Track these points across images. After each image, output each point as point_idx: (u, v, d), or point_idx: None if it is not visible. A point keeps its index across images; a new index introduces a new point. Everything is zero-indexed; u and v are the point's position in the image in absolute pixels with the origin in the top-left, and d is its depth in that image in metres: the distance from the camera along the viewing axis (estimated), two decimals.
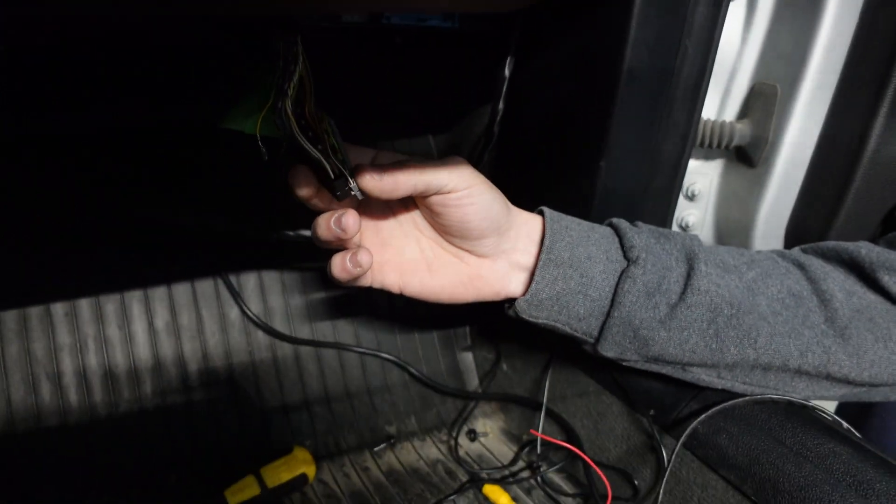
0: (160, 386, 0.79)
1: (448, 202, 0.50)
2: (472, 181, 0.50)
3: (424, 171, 0.48)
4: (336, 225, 0.49)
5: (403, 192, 0.48)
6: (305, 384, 0.84)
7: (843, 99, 0.65)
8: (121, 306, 0.79)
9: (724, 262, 0.57)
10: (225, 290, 0.83)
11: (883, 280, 0.56)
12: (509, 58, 0.65)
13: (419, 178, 0.48)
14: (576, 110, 0.64)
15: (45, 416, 0.74)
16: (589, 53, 0.60)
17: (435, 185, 0.48)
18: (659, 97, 0.60)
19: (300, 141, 0.43)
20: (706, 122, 0.71)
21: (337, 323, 0.88)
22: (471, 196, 0.50)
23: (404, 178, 0.47)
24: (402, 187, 0.47)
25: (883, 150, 0.63)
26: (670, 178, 0.65)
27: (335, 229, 0.49)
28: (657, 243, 0.56)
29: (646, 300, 0.53)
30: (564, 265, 0.54)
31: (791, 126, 0.68)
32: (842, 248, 0.60)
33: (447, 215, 0.51)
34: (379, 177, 0.47)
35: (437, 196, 0.50)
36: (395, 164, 0.48)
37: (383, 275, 0.55)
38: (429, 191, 0.49)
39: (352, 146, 0.50)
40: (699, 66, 0.60)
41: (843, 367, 0.55)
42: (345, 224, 0.49)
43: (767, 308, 0.55)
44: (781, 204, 0.72)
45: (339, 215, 0.49)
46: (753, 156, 0.71)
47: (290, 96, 0.42)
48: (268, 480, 0.70)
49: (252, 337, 0.84)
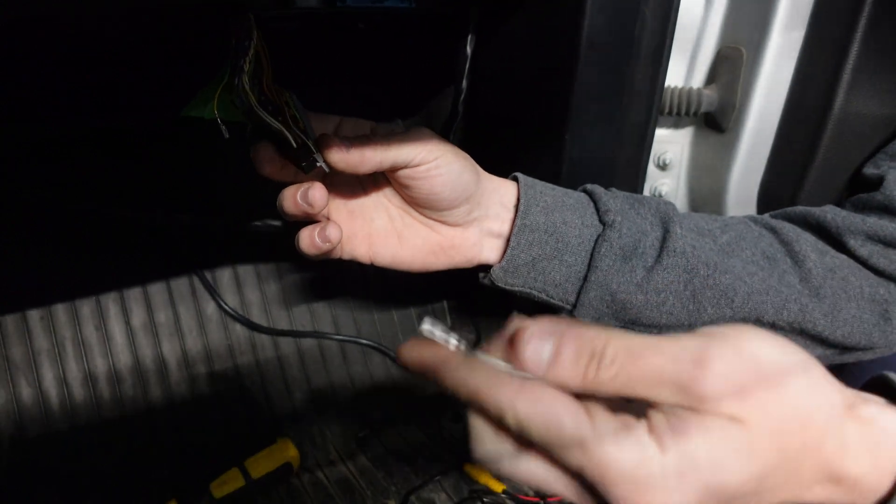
0: (141, 384, 0.78)
1: (416, 174, 0.49)
2: (439, 152, 0.49)
3: (390, 146, 0.47)
4: (302, 199, 0.48)
5: (370, 167, 0.47)
6: (286, 375, 0.84)
7: (808, 60, 0.65)
8: (97, 307, 0.79)
9: (698, 227, 0.57)
10: (200, 286, 0.83)
11: (849, 244, 0.56)
12: (470, 35, 0.65)
13: (385, 153, 0.47)
14: (538, 84, 0.63)
15: (27, 422, 0.74)
16: (548, 26, 0.60)
17: (402, 160, 0.48)
18: (620, 66, 0.59)
19: (259, 114, 0.42)
20: (672, 89, 0.70)
21: (315, 310, 0.87)
22: (438, 167, 0.49)
23: (371, 154, 0.46)
24: (368, 162, 0.46)
25: (848, 109, 0.63)
26: (638, 147, 0.65)
27: (302, 203, 0.48)
28: (632, 208, 0.56)
29: (622, 264, 0.53)
30: (540, 230, 0.54)
31: (758, 90, 0.67)
32: (808, 213, 0.60)
33: (416, 188, 0.50)
34: (345, 150, 0.45)
35: (405, 170, 0.49)
36: (362, 138, 0.47)
37: (353, 246, 0.54)
38: (396, 165, 0.48)
39: (315, 115, 0.49)
40: (659, 32, 0.59)
41: (818, 324, 0.55)
42: (311, 198, 0.48)
43: (743, 269, 0.55)
44: (752, 169, 0.71)
45: (306, 189, 0.48)
46: (722, 122, 0.71)
47: (247, 72, 0.41)
48: (252, 472, 0.70)
49: (230, 330, 0.83)
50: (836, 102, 0.63)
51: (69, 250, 0.77)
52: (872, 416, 0.32)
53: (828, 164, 0.66)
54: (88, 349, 0.78)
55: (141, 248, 0.80)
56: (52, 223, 0.75)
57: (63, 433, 0.75)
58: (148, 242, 0.80)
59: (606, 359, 0.30)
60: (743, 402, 0.29)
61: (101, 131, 0.75)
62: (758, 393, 0.29)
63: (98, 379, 0.77)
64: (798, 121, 0.67)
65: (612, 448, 0.29)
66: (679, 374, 0.29)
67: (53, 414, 0.75)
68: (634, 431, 0.29)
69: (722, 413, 0.29)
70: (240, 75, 0.41)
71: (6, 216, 0.73)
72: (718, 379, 0.29)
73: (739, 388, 0.29)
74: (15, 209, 0.73)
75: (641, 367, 0.29)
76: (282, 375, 0.84)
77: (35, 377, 0.75)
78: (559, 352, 0.30)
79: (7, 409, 0.74)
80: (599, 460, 0.29)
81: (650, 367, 0.29)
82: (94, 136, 0.75)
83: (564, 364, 0.30)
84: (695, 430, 0.29)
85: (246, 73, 0.41)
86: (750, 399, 0.29)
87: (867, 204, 0.59)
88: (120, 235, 0.78)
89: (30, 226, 0.75)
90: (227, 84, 0.42)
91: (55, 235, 0.76)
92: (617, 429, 0.29)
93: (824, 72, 0.63)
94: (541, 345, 0.30)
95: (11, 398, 0.74)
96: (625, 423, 0.30)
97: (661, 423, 0.29)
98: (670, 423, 0.29)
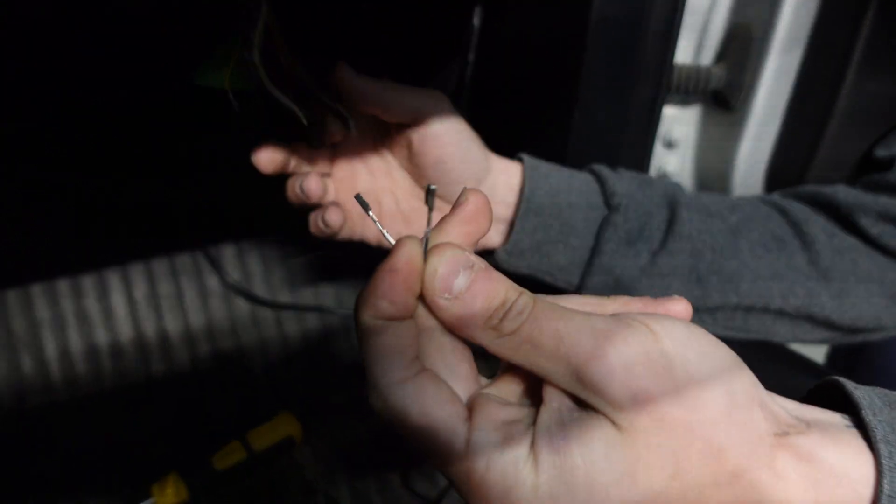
0: (142, 357, 0.78)
1: (426, 139, 0.50)
2: (452, 118, 0.50)
3: (406, 91, 0.49)
4: (300, 189, 0.51)
5: (383, 102, 0.48)
6: (289, 349, 0.84)
7: (819, 38, 0.64)
8: (98, 280, 0.79)
9: (706, 207, 0.56)
10: (203, 260, 0.82)
11: (861, 223, 0.56)
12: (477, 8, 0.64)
13: (402, 95, 0.49)
14: (546, 59, 0.62)
15: (28, 393, 0.74)
16: None
17: (410, 105, 0.49)
18: (630, 42, 0.58)
19: (271, 90, 0.42)
20: (681, 66, 0.69)
21: (319, 286, 0.87)
22: (449, 134, 0.50)
23: (384, 90, 0.48)
24: (383, 97, 0.48)
25: (859, 89, 0.62)
26: (646, 124, 0.64)
27: (299, 194, 0.51)
28: (639, 189, 0.55)
29: (627, 248, 0.53)
30: (545, 214, 0.53)
31: (767, 68, 0.66)
32: (819, 191, 0.59)
33: (425, 153, 0.50)
34: (359, 86, 0.47)
35: (417, 133, 0.50)
36: (376, 80, 0.49)
37: (361, 227, 0.55)
38: (405, 110, 0.49)
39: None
40: (670, 8, 0.58)
41: (826, 308, 0.55)
42: (307, 189, 0.50)
43: (750, 252, 0.55)
44: (760, 148, 0.71)
45: (301, 181, 0.50)
46: (730, 100, 0.70)
47: (257, 45, 0.41)
48: (254, 444, 0.71)
49: (233, 305, 0.83)
50: (847, 82, 0.62)
51: (70, 223, 0.77)
52: (810, 450, 0.26)
53: (837, 145, 0.65)
54: (90, 322, 0.78)
55: (143, 221, 0.79)
56: (53, 196, 0.75)
57: (64, 405, 0.75)
58: (150, 216, 0.79)
59: (514, 310, 0.27)
60: (638, 409, 0.25)
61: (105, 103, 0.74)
62: (660, 401, 0.25)
63: (99, 351, 0.77)
64: (807, 100, 0.66)
65: (482, 466, 0.26)
66: (576, 350, 0.26)
67: (54, 386, 0.75)
68: (513, 447, 0.26)
69: (609, 417, 0.25)
70: (249, 48, 0.41)
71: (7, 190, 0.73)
72: (616, 370, 0.25)
73: (637, 390, 0.25)
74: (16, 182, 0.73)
75: (543, 330, 0.26)
76: (284, 349, 0.84)
77: (36, 349, 0.75)
78: (473, 286, 0.27)
79: (8, 381, 0.74)
80: (469, 478, 0.26)
81: (550, 333, 0.26)
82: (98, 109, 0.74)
83: (475, 300, 0.27)
84: (575, 445, 0.25)
85: (256, 46, 0.41)
86: (648, 406, 0.25)
87: (879, 184, 0.58)
88: (122, 209, 0.77)
89: (31, 198, 0.74)
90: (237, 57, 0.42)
91: (56, 208, 0.75)
92: (495, 443, 0.26)
93: (835, 50, 0.63)
94: (457, 272, 0.28)
95: (13, 369, 0.74)
96: (507, 435, 0.26)
97: (542, 430, 0.26)
98: (551, 433, 0.26)
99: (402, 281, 0.27)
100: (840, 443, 0.27)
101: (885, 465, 0.25)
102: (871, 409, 0.27)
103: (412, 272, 0.27)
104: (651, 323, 0.26)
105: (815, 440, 0.27)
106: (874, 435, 0.26)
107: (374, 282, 0.27)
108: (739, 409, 0.26)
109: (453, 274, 0.27)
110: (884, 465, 0.25)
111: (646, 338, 0.26)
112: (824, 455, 0.26)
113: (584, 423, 0.25)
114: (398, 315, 0.28)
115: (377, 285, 0.27)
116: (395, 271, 0.27)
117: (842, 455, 0.26)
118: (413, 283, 0.28)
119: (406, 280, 0.27)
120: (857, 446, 0.27)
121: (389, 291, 0.27)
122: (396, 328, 0.28)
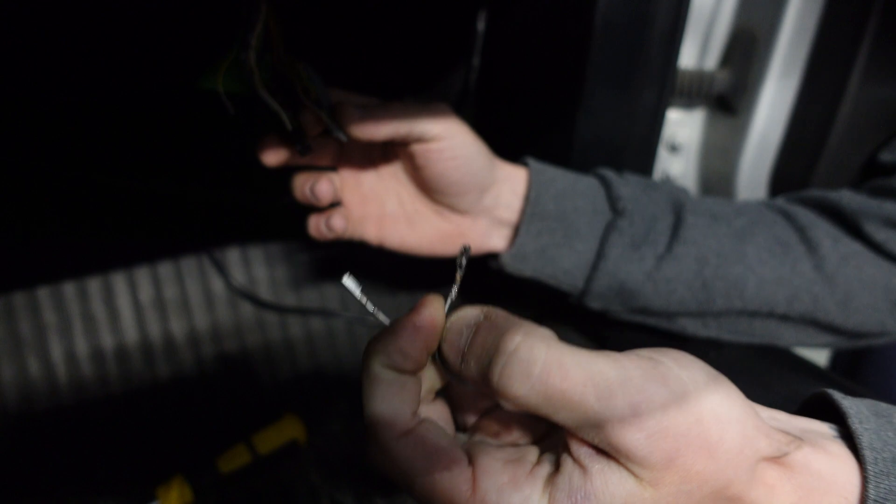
0: (148, 360, 0.78)
1: (430, 152, 0.49)
2: (456, 131, 0.49)
3: (407, 115, 0.47)
4: (310, 191, 0.50)
5: (385, 134, 0.46)
6: (294, 352, 0.84)
7: (823, 42, 0.64)
8: (104, 283, 0.79)
9: (711, 212, 0.56)
10: (208, 263, 0.83)
11: (866, 228, 0.56)
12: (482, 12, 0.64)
13: (401, 120, 0.47)
14: (550, 62, 0.62)
15: (35, 396, 0.74)
16: (562, 3, 0.59)
17: (417, 131, 0.47)
18: (634, 46, 0.59)
19: (260, 93, 0.42)
20: (684, 71, 0.70)
21: (323, 289, 0.87)
22: (453, 149, 0.49)
23: (386, 120, 0.46)
24: (383, 129, 0.46)
25: (863, 93, 0.62)
26: (650, 129, 0.65)
27: (309, 195, 0.50)
28: (644, 194, 0.55)
29: (632, 252, 0.53)
30: (550, 218, 0.53)
31: (772, 72, 0.67)
32: (824, 196, 0.59)
33: (429, 168, 0.50)
34: (360, 117, 0.45)
35: (420, 146, 0.49)
36: (378, 105, 0.47)
37: (363, 227, 0.54)
38: (411, 136, 0.47)
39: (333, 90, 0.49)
40: (674, 12, 0.58)
41: (830, 313, 0.55)
42: (318, 192, 0.50)
43: (755, 257, 0.54)
44: (764, 152, 0.71)
45: (313, 183, 0.50)
46: (734, 104, 0.70)
47: (254, 47, 0.41)
48: (259, 447, 0.71)
49: (238, 308, 0.83)
50: (851, 86, 0.62)
51: (76, 225, 0.77)
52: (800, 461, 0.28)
53: (841, 150, 0.65)
54: (96, 325, 0.78)
55: (149, 224, 0.80)
56: (59, 197, 0.75)
57: (70, 408, 0.75)
58: (156, 219, 0.80)
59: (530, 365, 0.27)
60: (668, 467, 0.25)
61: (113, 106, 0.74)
62: (688, 457, 0.26)
63: (105, 354, 0.77)
64: (811, 104, 0.66)
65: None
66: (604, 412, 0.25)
67: (61, 388, 0.75)
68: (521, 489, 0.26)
69: (633, 473, 0.26)
70: (246, 51, 0.41)
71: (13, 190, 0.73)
72: (653, 440, 0.25)
73: (674, 454, 0.25)
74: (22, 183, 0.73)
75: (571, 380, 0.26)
76: (289, 353, 0.84)
77: (43, 352, 0.75)
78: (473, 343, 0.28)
79: (15, 384, 0.74)
80: None
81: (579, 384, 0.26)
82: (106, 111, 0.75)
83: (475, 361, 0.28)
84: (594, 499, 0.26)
85: (252, 48, 0.41)
86: (678, 462, 0.26)
87: (884, 189, 0.58)
88: (128, 211, 0.77)
89: (37, 200, 0.74)
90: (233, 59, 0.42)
91: (63, 210, 0.76)
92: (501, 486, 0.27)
93: (839, 55, 0.63)
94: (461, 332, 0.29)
95: (19, 372, 0.74)
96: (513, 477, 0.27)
97: (562, 484, 0.26)
98: (571, 486, 0.26)
99: (423, 338, 0.28)
100: (828, 452, 0.28)
101: (871, 471, 0.27)
102: (858, 417, 0.28)
103: (434, 331, 0.28)
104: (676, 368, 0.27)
105: (806, 452, 0.28)
106: (860, 442, 0.28)
107: (395, 333, 0.28)
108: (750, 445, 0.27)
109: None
110: (869, 471, 0.27)
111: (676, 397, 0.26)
112: (814, 465, 0.28)
113: (606, 477, 0.26)
114: (409, 369, 0.28)
115: (398, 338, 0.28)
116: (419, 329, 0.28)
117: (829, 464, 0.28)
118: (432, 342, 0.29)
119: (427, 338, 0.28)
120: (845, 455, 0.28)
121: (408, 346, 0.28)
122: (405, 382, 0.28)
